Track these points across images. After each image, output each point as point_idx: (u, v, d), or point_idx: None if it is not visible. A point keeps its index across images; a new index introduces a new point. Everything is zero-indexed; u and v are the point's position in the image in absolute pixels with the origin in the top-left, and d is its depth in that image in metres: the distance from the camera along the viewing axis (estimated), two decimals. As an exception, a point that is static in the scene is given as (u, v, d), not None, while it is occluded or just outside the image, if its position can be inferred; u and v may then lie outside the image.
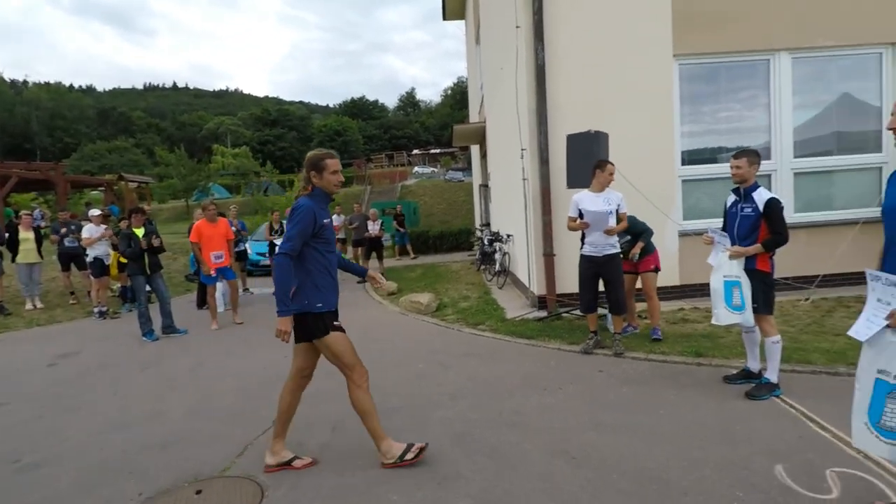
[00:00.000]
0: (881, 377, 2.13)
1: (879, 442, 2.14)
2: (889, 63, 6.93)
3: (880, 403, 2.12)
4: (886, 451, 2.13)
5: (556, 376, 4.53)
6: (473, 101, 16.99)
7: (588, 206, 4.90)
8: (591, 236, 4.96)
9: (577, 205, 4.98)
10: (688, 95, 7.00)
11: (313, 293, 2.99)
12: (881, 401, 2.12)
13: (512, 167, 7.92)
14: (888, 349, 2.10)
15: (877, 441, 2.15)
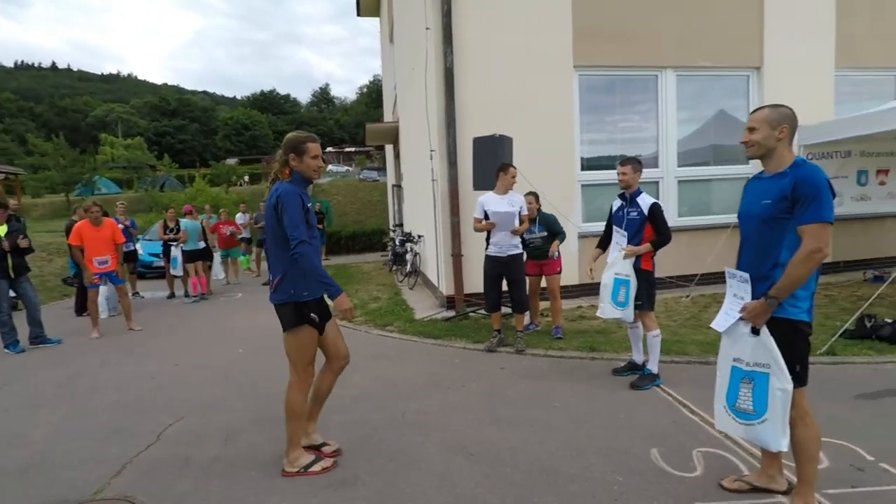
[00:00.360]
0: (736, 364, 2.38)
1: (735, 423, 2.39)
2: (754, 85, 7.80)
3: (735, 388, 2.37)
4: (741, 431, 2.38)
5: (460, 375, 4.61)
6: (388, 100, 16.89)
7: (493, 207, 5.04)
8: (495, 237, 5.10)
9: (483, 206, 5.10)
10: (587, 105, 7.43)
11: (300, 281, 2.87)
12: (736, 386, 2.37)
13: (423, 168, 7.95)
14: (741, 339, 2.34)
15: (733, 422, 2.40)
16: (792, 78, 7.64)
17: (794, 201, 2.17)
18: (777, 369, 2.21)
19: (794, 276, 2.16)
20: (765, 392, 2.24)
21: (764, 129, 2.31)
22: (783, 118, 2.29)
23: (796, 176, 2.19)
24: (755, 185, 2.43)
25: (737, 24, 7.54)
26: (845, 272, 8.02)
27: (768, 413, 2.23)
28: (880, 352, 4.53)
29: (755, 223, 2.32)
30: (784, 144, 2.30)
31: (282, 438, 3.08)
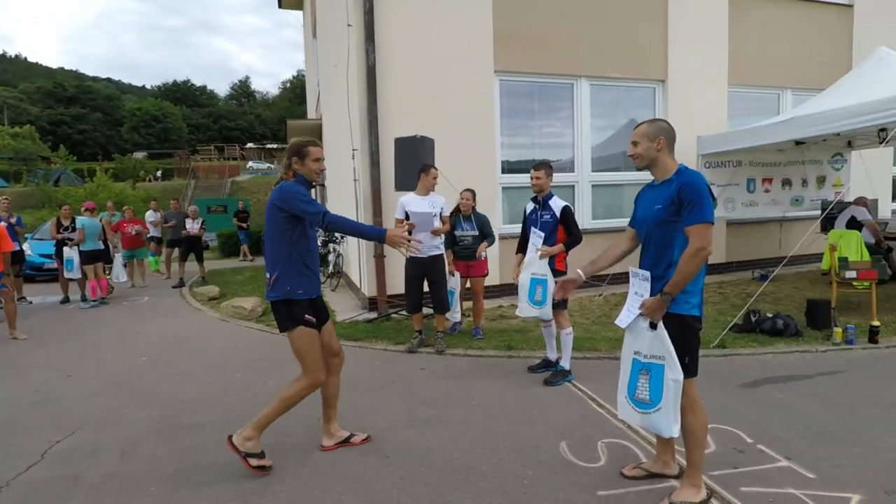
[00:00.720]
0: (636, 357, 2.55)
1: (634, 412, 2.56)
2: (660, 96, 8.38)
3: (635, 379, 2.54)
4: (639, 419, 2.55)
5: (379, 376, 4.57)
6: (311, 96, 16.46)
7: (414, 208, 5.03)
8: (415, 238, 5.07)
9: (404, 207, 5.08)
10: (507, 109, 7.64)
11: (297, 279, 2.92)
12: (636, 377, 2.54)
13: (345, 167, 7.81)
14: (641, 334, 2.51)
15: (633, 412, 2.56)
16: (692, 92, 8.30)
17: (680, 205, 2.36)
18: (671, 361, 2.39)
19: (684, 272, 2.35)
20: (660, 382, 2.42)
21: (644, 143, 2.53)
22: (659, 131, 2.51)
23: (681, 182, 2.40)
24: (648, 192, 2.63)
25: (644, 39, 8.07)
26: (736, 272, 8.81)
27: (662, 402, 2.41)
28: (762, 343, 5.02)
29: (650, 227, 2.50)
30: (664, 154, 2.51)
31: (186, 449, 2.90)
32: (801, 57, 9.15)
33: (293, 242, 2.90)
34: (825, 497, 2.57)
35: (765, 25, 8.84)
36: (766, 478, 2.75)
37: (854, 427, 3.31)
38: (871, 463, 2.86)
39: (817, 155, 8.40)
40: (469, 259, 5.67)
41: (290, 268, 2.90)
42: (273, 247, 2.92)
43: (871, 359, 4.60)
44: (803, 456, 2.96)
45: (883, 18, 9.58)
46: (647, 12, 8.05)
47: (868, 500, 2.53)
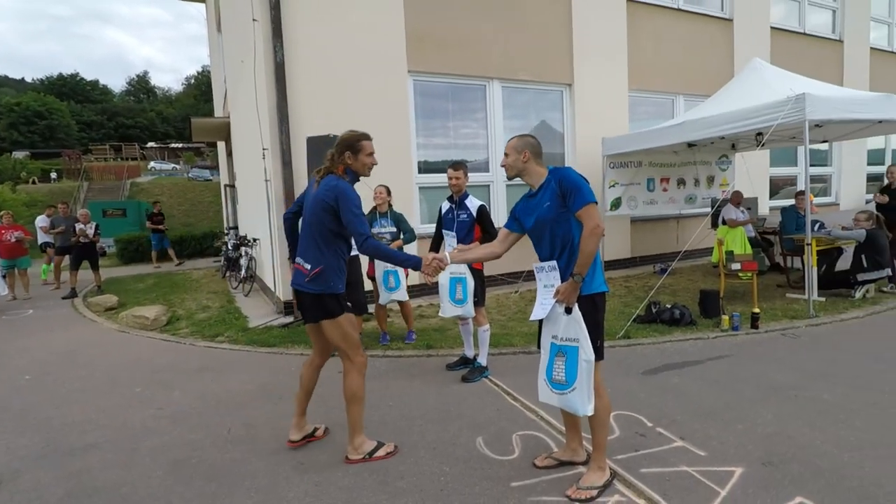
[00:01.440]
0: (553, 341, 2.67)
1: (552, 394, 2.66)
2: (567, 99, 8.78)
3: (552, 362, 2.66)
4: (556, 400, 2.66)
5: (294, 383, 4.38)
6: (218, 93, 15.59)
7: None
8: None
9: None
10: (422, 109, 7.66)
11: (337, 275, 2.99)
12: (552, 360, 2.65)
13: (256, 167, 7.48)
14: (557, 319, 2.63)
15: (551, 393, 2.67)
16: (596, 96, 8.78)
17: (564, 196, 2.54)
18: (584, 343, 2.52)
19: (587, 251, 2.50)
20: (575, 363, 2.54)
21: (512, 154, 2.73)
22: (525, 145, 2.72)
23: (557, 177, 2.61)
24: (530, 201, 2.76)
25: (552, 44, 8.42)
26: (640, 266, 9.44)
27: (577, 382, 2.54)
28: (662, 333, 5.40)
29: (549, 226, 2.63)
30: (532, 164, 2.72)
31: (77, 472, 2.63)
32: (690, 65, 9.98)
33: (337, 241, 2.96)
34: (713, 472, 2.80)
35: (659, 35, 9.53)
36: (664, 458, 2.95)
37: (737, 406, 3.64)
38: (751, 438, 3.16)
39: (706, 156, 9.19)
40: None
41: (334, 264, 2.96)
42: (319, 242, 2.92)
43: (752, 343, 5.09)
44: (695, 435, 3.21)
45: (756, 32, 10.68)
46: (554, 18, 8.41)
47: (749, 471, 2.79)
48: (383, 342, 5.47)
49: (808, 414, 3.45)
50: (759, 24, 10.76)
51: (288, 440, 3.25)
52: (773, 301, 6.44)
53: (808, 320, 5.61)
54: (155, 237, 14.03)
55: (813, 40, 11.81)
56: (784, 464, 2.85)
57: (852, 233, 6.45)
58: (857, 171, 13.15)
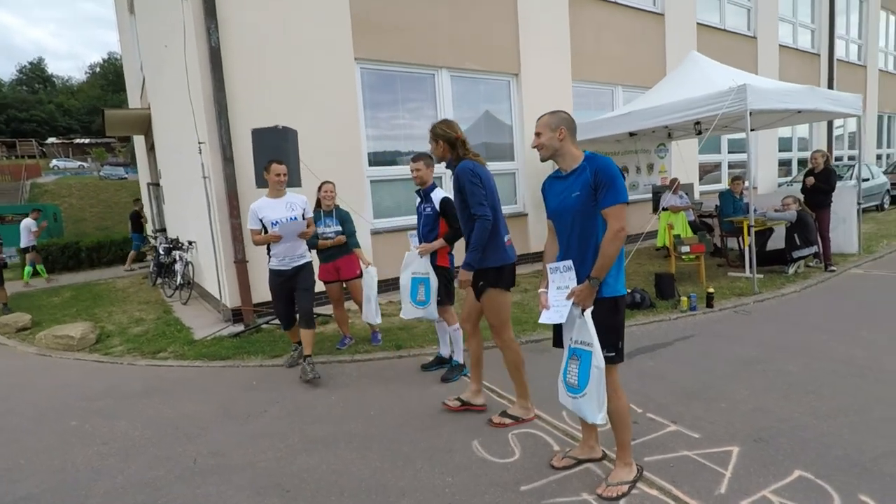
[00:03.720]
0: (569, 343, 2.54)
1: (567, 396, 2.55)
2: (514, 89, 8.76)
3: (567, 364, 2.54)
4: (570, 404, 2.55)
5: (259, 398, 4.05)
6: (133, 82, 14.32)
7: (269, 214, 4.31)
8: (277, 248, 4.38)
9: (257, 215, 4.33)
10: (371, 99, 7.35)
11: (500, 251, 3.25)
12: (567, 362, 2.54)
13: (190, 163, 6.87)
14: (573, 321, 2.50)
15: (567, 396, 2.56)
16: (541, 86, 8.82)
17: (597, 188, 2.39)
18: (595, 348, 2.40)
19: (607, 254, 2.37)
20: (587, 368, 2.43)
21: (546, 133, 2.53)
22: (560, 121, 2.53)
23: (594, 166, 2.42)
24: (557, 183, 2.59)
25: (498, 34, 8.35)
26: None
27: (587, 388, 2.42)
28: (626, 317, 5.48)
29: (571, 216, 2.48)
30: (567, 143, 2.52)
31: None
32: (628, 57, 10.28)
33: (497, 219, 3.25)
34: (712, 454, 2.83)
35: (599, 28, 9.74)
36: (663, 444, 2.95)
37: (714, 384, 3.74)
38: (736, 416, 3.24)
39: (646, 145, 9.54)
40: (335, 258, 5.01)
41: (494, 241, 3.22)
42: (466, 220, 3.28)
43: (710, 321, 5.30)
44: (684, 418, 3.25)
45: (684, 27, 11.20)
46: (500, 8, 8.34)
47: (744, 450, 2.85)
48: (343, 345, 5.15)
49: (779, 387, 3.60)
50: (687, 19, 11.28)
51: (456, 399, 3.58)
52: (718, 280, 6.77)
53: (755, 296, 5.94)
54: (136, 236, 13.37)
55: (733, 36, 12.56)
56: (773, 439, 2.94)
57: (785, 214, 6.89)
58: (771, 158, 14.21)
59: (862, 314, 5.19)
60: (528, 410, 3.38)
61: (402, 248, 7.23)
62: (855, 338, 4.50)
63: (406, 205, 7.79)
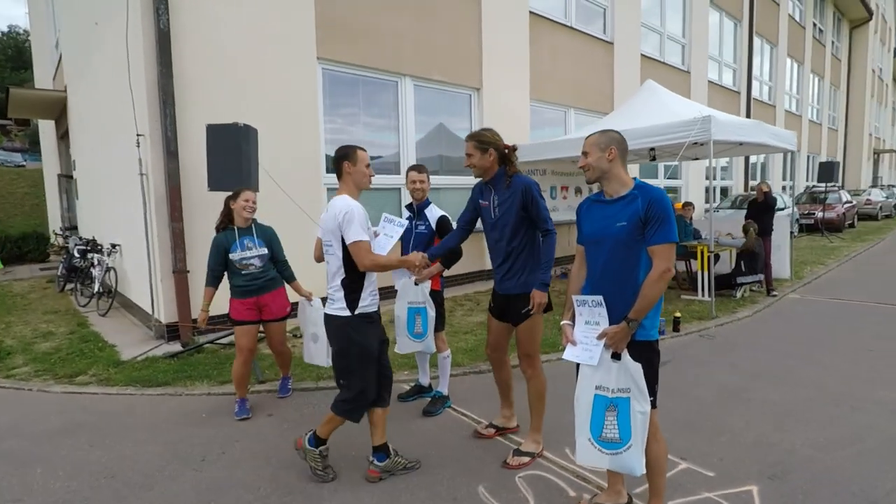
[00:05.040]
0: (599, 392, 2.26)
1: (602, 455, 2.25)
2: (475, 103, 8.62)
3: (600, 418, 2.24)
4: (607, 462, 2.26)
5: (214, 435, 3.48)
6: (44, 60, 12.75)
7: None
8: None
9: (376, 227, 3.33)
10: (331, 102, 6.89)
11: (534, 273, 3.04)
12: (601, 415, 2.24)
13: (121, 157, 6.08)
14: (603, 365, 2.24)
15: (600, 454, 2.26)
16: (502, 102, 8.76)
17: (646, 222, 2.17)
18: (637, 392, 2.18)
19: (650, 297, 2.15)
20: (627, 417, 2.18)
21: (595, 153, 2.30)
22: (611, 141, 2.31)
23: (648, 197, 2.20)
24: (599, 208, 2.36)
25: (463, 47, 8.18)
26: (540, 270, 9.66)
27: (632, 439, 2.18)
28: (598, 340, 5.41)
29: (611, 246, 2.25)
30: (617, 165, 2.30)
31: None
32: (580, 81, 10.51)
33: (532, 237, 3.08)
34: (733, 495, 2.70)
35: (555, 51, 9.86)
36: (681, 485, 2.79)
37: (708, 414, 3.67)
38: (742, 450, 3.16)
39: (598, 167, 9.74)
40: (260, 292, 3.76)
41: (530, 263, 3.07)
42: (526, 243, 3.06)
43: (680, 345, 5.33)
44: (692, 454, 3.11)
45: (631, 57, 11.66)
46: (466, 22, 8.19)
47: (763, 489, 2.74)
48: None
49: (769, 417, 3.60)
50: (633, 50, 11.77)
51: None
52: (674, 303, 6.90)
53: (714, 321, 6.09)
54: None
55: (671, 69, 13.29)
56: (786, 475, 2.86)
57: (735, 240, 7.21)
58: (700, 186, 15.14)
59: (815, 339, 5.44)
60: (539, 444, 3.12)
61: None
62: (819, 363, 4.67)
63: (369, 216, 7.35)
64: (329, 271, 2.85)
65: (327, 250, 2.84)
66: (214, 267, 3.72)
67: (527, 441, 3.14)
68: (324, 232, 2.83)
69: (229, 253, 3.70)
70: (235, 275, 3.74)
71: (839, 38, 27.04)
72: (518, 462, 3.01)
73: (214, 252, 3.71)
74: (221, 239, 3.73)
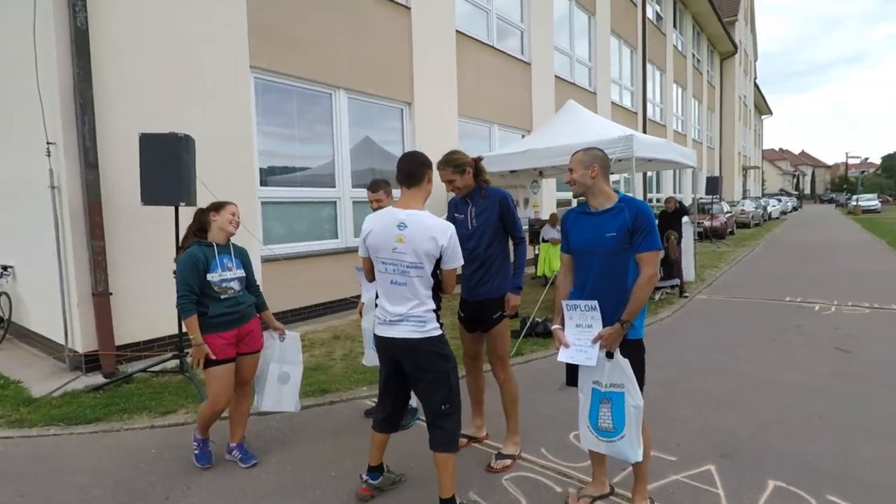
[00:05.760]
0: (595, 387, 2.43)
1: (599, 441, 2.46)
2: (407, 117, 8.70)
3: (596, 409, 2.43)
4: (605, 448, 2.45)
5: (172, 471, 3.19)
6: None
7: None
8: None
9: None
10: (265, 112, 6.64)
11: (506, 278, 3.18)
12: (597, 407, 2.42)
13: (21, 167, 5.45)
14: (601, 365, 2.39)
15: (597, 441, 2.46)
16: (432, 116, 8.92)
17: (634, 232, 2.36)
18: (630, 387, 2.35)
19: (640, 299, 2.35)
20: (622, 410, 2.35)
21: (579, 170, 2.48)
22: (593, 159, 2.49)
23: (635, 209, 2.40)
24: (585, 219, 2.53)
25: (395, 61, 8.26)
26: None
27: (626, 429, 2.34)
28: (544, 346, 5.65)
29: (601, 255, 2.42)
30: (600, 181, 2.49)
31: None
32: (503, 99, 10.99)
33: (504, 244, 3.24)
34: (696, 475, 2.98)
35: (479, 69, 10.24)
36: (649, 471, 2.99)
37: (656, 405, 3.97)
38: (694, 435, 3.48)
39: (523, 181, 10.19)
40: (241, 322, 3.16)
41: (504, 267, 3.22)
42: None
43: (617, 345, 5.72)
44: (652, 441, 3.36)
45: (546, 77, 12.39)
46: (397, 38, 8.28)
47: (719, 466, 3.05)
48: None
49: (710, 405, 3.99)
50: (548, 71, 12.52)
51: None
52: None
53: (641, 323, 6.60)
54: None
55: (580, 90, 14.28)
56: (735, 454, 3.21)
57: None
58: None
59: (728, 333, 6.09)
60: (518, 446, 3.22)
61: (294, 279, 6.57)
62: (737, 355, 5.24)
63: (301, 231, 7.14)
64: (403, 293, 2.54)
65: (406, 272, 2.50)
66: (195, 288, 2.97)
67: (506, 444, 3.23)
68: (413, 253, 2.47)
69: (207, 273, 3.02)
70: (213, 301, 3.02)
71: (713, 68, 30.65)
72: (502, 465, 3.08)
73: (192, 269, 2.96)
74: (198, 254, 3.01)
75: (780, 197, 43.07)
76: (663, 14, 21.52)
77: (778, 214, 33.50)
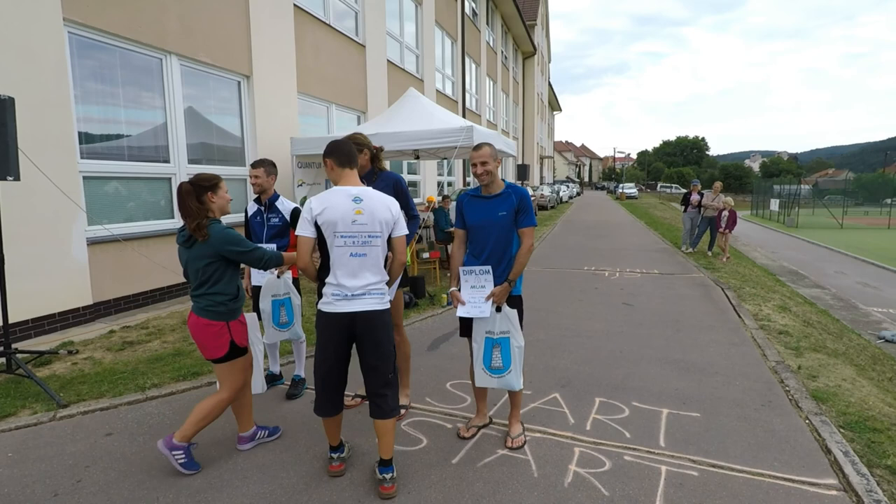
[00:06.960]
0: (488, 335, 3.01)
1: (491, 378, 3.08)
2: (246, 91, 8.30)
3: (489, 353, 3.03)
4: (496, 383, 3.08)
5: (54, 468, 2.91)
6: None
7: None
8: None
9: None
10: (84, 76, 5.80)
11: None
12: (489, 351, 3.02)
13: None
14: (492, 317, 2.97)
15: (489, 378, 3.08)
16: (272, 92, 8.66)
17: (518, 212, 2.99)
18: (515, 332, 3.00)
19: (522, 263, 3.00)
20: (508, 350, 2.99)
21: (491, 163, 3.03)
22: (497, 153, 3.09)
23: (519, 194, 3.05)
24: (480, 202, 3.09)
25: (232, 30, 7.78)
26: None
27: (512, 365, 2.99)
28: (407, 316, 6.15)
29: (496, 231, 3.01)
30: (497, 171, 3.08)
31: None
32: (340, 79, 11.04)
33: None
34: (547, 401, 3.82)
35: (318, 47, 10.14)
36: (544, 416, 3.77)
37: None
38: (538, 374, 4.38)
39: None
40: None
41: None
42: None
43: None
44: (512, 382, 4.17)
45: (379, 61, 12.75)
46: (232, 6, 7.79)
47: (562, 393, 3.95)
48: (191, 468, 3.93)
49: (546, 350, 4.98)
50: (381, 54, 12.88)
51: None
52: (445, 280, 8.24)
53: (480, 291, 7.57)
54: None
55: (409, 76, 14.95)
56: (570, 383, 4.17)
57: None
58: (432, 180, 17.48)
59: (549, 296, 7.40)
60: (408, 398, 3.71)
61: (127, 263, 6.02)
62: (557, 312, 6.47)
63: (135, 209, 6.46)
64: (364, 264, 2.60)
65: (368, 242, 2.59)
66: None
67: (400, 396, 3.68)
68: (374, 223, 2.58)
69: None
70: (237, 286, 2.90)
71: (517, 65, 34.31)
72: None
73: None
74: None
75: (568, 184, 50.44)
76: (478, 11, 23.42)
77: (567, 199, 39.34)
